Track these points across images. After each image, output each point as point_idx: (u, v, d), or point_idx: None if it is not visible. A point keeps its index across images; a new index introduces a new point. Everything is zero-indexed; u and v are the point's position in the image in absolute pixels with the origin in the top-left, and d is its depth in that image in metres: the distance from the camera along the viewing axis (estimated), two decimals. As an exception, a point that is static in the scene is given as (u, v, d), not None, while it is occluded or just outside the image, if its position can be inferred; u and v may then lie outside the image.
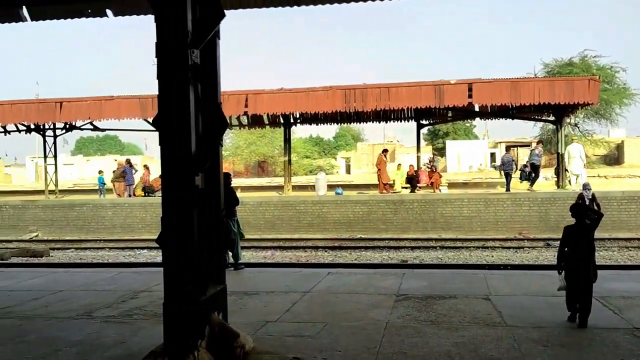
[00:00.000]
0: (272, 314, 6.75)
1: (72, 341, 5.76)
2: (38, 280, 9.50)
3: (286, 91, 20.43)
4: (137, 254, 16.20)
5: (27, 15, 11.70)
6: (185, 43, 4.55)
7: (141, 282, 9.02)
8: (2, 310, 7.21)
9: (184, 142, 4.58)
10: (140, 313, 6.96)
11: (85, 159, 69.48)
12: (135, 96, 21.49)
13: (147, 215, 20.73)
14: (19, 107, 22.71)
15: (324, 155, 68.51)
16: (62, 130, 25.82)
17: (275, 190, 26.46)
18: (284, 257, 14.87)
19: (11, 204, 22.70)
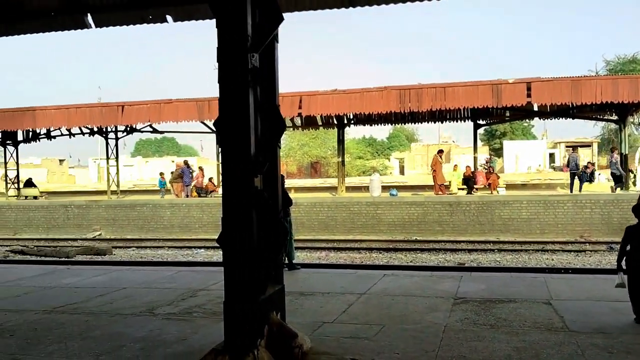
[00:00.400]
0: (328, 315, 6.77)
1: (136, 337, 5.94)
2: (102, 277, 9.83)
3: (340, 92, 20.47)
4: (194, 253, 16.59)
5: (92, 22, 12.17)
6: (245, 47, 4.63)
7: (199, 281, 9.20)
8: (69, 307, 7.50)
9: (243, 144, 4.65)
10: (200, 311, 7.11)
11: (144, 161, 71.59)
12: (192, 99, 22.02)
13: (204, 215, 21.19)
14: (83, 110, 23.64)
15: (377, 156, 68.20)
16: (124, 133, 26.74)
17: (328, 191, 26.55)
18: (338, 258, 14.90)
19: (76, 204, 23.65)
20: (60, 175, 63.16)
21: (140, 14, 11.70)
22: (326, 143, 57.82)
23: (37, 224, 23.59)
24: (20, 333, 6.19)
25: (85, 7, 11.77)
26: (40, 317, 6.97)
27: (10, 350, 5.56)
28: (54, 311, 7.25)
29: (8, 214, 24.20)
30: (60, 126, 25.39)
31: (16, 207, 24.57)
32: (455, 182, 22.91)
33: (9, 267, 11.82)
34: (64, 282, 9.43)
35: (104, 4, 11.73)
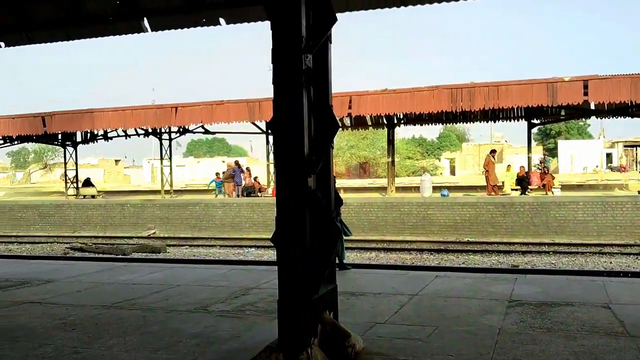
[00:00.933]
0: (380, 315, 6.75)
1: (192, 333, 6.08)
2: (158, 274, 10.09)
3: (390, 92, 20.37)
4: (245, 252, 16.83)
5: (148, 26, 12.50)
6: (299, 49, 4.67)
7: (251, 279, 9.33)
8: (127, 302, 7.73)
9: (297, 145, 4.69)
10: (252, 309, 7.21)
11: (195, 161, 73.02)
12: (243, 100, 22.35)
13: (255, 215, 21.47)
14: (139, 112, 24.34)
15: (427, 156, 67.46)
16: (177, 134, 27.38)
17: (377, 191, 26.44)
18: (389, 259, 14.83)
19: (132, 203, 24.36)
20: (116, 175, 65.13)
21: (194, 18, 11.96)
22: (375, 143, 57.59)
23: (95, 222, 24.41)
24: (81, 327, 6.42)
25: (142, 11, 12.11)
26: (100, 312, 7.21)
27: (72, 343, 5.78)
28: (113, 306, 7.48)
29: (68, 212, 25.14)
30: (117, 127, 26.21)
31: (75, 206, 25.50)
32: (508, 183, 22.43)
33: (70, 264, 12.28)
34: (121, 278, 9.73)
35: (160, 8, 12.05)
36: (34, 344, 5.71)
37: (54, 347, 5.61)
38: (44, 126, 25.56)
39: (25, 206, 26.12)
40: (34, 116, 26.08)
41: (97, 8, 12.33)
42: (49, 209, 25.55)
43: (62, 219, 25.04)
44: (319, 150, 4.96)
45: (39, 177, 62.19)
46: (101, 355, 5.36)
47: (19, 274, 10.17)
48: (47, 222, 25.19)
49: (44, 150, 71.27)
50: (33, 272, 10.43)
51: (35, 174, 63.72)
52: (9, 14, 12.47)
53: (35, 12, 12.56)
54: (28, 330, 6.31)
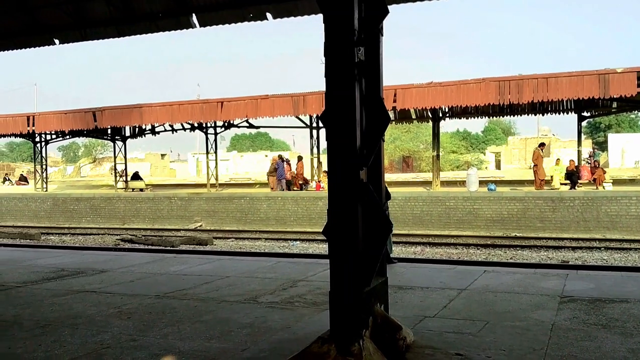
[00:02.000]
0: (429, 309, 6.72)
1: (243, 323, 6.18)
2: (207, 266, 10.29)
3: (436, 85, 20.14)
4: (290, 245, 16.96)
5: (197, 22, 12.73)
6: (352, 41, 4.67)
7: (298, 271, 9.41)
8: (179, 292, 7.92)
9: (349, 137, 4.71)
10: (301, 301, 7.28)
11: (239, 155, 73.90)
12: (288, 94, 22.48)
13: (299, 208, 21.60)
14: (185, 107, 24.78)
15: (472, 150, 66.42)
16: (222, 128, 27.76)
17: (421, 185, 26.22)
18: (434, 254, 14.71)
19: (179, 196, 24.85)
20: (162, 169, 66.52)
21: (241, 13, 12.11)
22: (418, 137, 57.08)
23: (143, 214, 25.01)
24: (136, 316, 6.61)
25: (190, 8, 12.33)
26: (153, 301, 7.41)
27: (128, 331, 5.96)
28: (165, 296, 7.68)
29: (117, 205, 25.84)
30: (164, 122, 26.76)
31: (125, 199, 26.18)
32: (557, 177, 21.90)
33: (120, 255, 12.63)
34: (172, 269, 9.96)
35: (208, 4, 12.24)
36: (92, 331, 5.92)
37: (111, 335, 5.80)
38: (95, 121, 26.31)
39: (77, 199, 26.97)
40: (85, 111, 26.88)
41: (147, 5, 12.63)
42: (100, 201, 26.30)
43: (112, 212, 25.74)
44: (370, 143, 4.96)
45: (88, 171, 64.04)
46: (157, 343, 5.51)
47: (74, 264, 10.53)
48: (98, 214, 25.94)
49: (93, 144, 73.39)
50: (87, 263, 10.78)
51: (84, 168, 65.64)
52: (64, 13, 12.89)
53: (89, 11, 12.94)
54: (86, 317, 6.54)
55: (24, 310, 6.90)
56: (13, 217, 27.41)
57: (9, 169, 61.16)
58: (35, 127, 27.92)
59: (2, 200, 28.46)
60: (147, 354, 5.16)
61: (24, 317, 6.60)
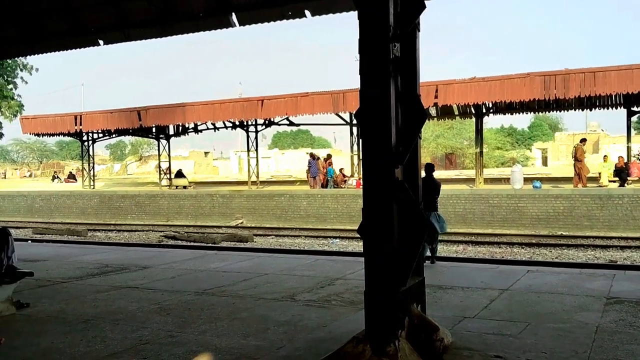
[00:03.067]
0: (469, 309, 6.59)
1: (279, 321, 6.19)
2: (246, 263, 10.37)
3: (479, 80, 19.75)
4: (330, 243, 16.93)
5: (236, 21, 12.80)
6: (387, 37, 4.60)
7: (336, 269, 9.38)
8: (217, 289, 7.99)
9: (384, 135, 4.64)
10: (338, 299, 7.25)
11: (280, 152, 74.27)
12: (327, 92, 22.46)
13: (339, 206, 21.55)
14: (227, 105, 25.06)
15: (517, 146, 64.92)
16: (262, 126, 27.94)
17: (464, 183, 25.78)
18: (477, 253, 14.43)
19: (220, 194, 25.15)
20: (205, 167, 67.42)
21: (280, 11, 12.11)
22: (461, 133, 56.15)
23: (186, 211, 25.42)
24: (176, 312, 6.70)
25: (230, 7, 12.41)
26: (193, 297, 7.50)
27: (167, 327, 6.04)
28: (205, 293, 7.76)
29: (161, 202, 26.33)
30: (206, 120, 27.11)
31: (168, 196, 26.66)
32: (605, 174, 21.17)
33: (164, 251, 12.86)
34: (212, 266, 10.07)
35: (247, 2, 12.30)
36: (132, 327, 6.03)
37: (150, 330, 5.89)
38: (140, 120, 26.87)
39: (123, 196, 27.61)
40: (131, 110, 27.49)
41: (188, 5, 12.77)
42: (145, 199, 26.87)
43: (156, 209, 26.25)
44: (406, 141, 4.88)
45: (134, 169, 65.48)
46: (194, 339, 5.57)
47: (118, 261, 10.77)
48: (143, 211, 26.49)
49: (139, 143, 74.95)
50: (131, 259, 11.01)
51: (131, 166, 67.15)
52: (108, 14, 13.17)
53: (132, 12, 13.18)
54: (127, 313, 6.67)
55: (68, 306, 7.09)
56: (62, 214, 28.27)
57: (59, 167, 63.13)
58: (83, 126, 28.71)
59: (52, 197, 29.40)
60: (185, 351, 5.21)
61: (68, 312, 6.78)
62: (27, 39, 13.91)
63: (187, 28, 13.11)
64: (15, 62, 40.14)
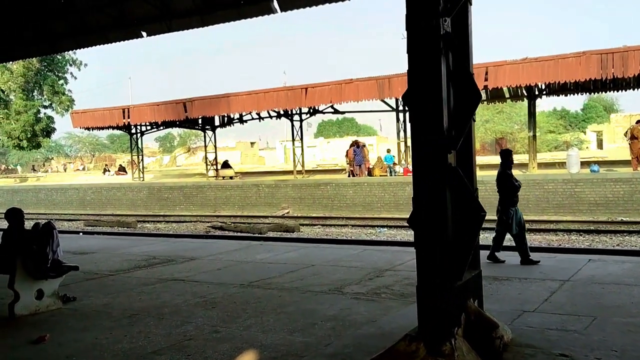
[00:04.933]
0: (528, 303, 6.18)
1: (327, 315, 5.94)
2: (292, 254, 10.17)
3: (531, 60, 18.90)
4: (377, 232, 16.59)
5: (277, 6, 12.52)
6: (437, 12, 4.24)
7: (385, 260, 9.07)
8: (263, 281, 7.81)
9: (435, 118, 4.30)
10: (388, 292, 6.95)
11: (325, 141, 74.05)
12: (372, 78, 22.01)
13: (386, 194, 21.16)
14: (271, 95, 24.90)
15: (571, 129, 62.70)
16: (307, 115, 27.71)
17: (516, 168, 24.84)
18: (532, 240, 13.81)
19: (266, 184, 25.10)
20: (251, 157, 67.91)
21: (323, -6, 11.79)
22: (512, 117, 54.61)
23: (233, 202, 25.50)
24: (221, 305, 6.54)
25: (271, -8, 12.17)
26: (238, 290, 7.34)
27: (212, 322, 5.89)
28: (250, 285, 7.60)
29: (208, 192, 26.50)
30: (251, 110, 27.07)
31: (215, 187, 26.82)
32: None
33: (210, 242, 12.82)
34: (258, 257, 9.93)
35: (289, -13, 12.02)
36: (177, 322, 5.89)
37: (195, 325, 5.74)
38: (186, 111, 27.05)
39: (171, 187, 27.94)
40: (176, 102, 27.70)
41: (230, -7, 12.58)
42: (192, 190, 27.10)
43: (203, 199, 26.44)
44: (459, 124, 4.52)
45: (183, 160, 66.50)
46: (239, 335, 5.38)
47: (165, 252, 10.76)
48: (191, 202, 26.74)
49: (187, 134, 76.17)
50: (177, 250, 10.99)
51: (180, 157, 68.24)
52: (150, 4, 13.12)
53: (174, 2, 13.10)
54: (172, 307, 6.55)
55: (114, 300, 7.04)
56: (112, 206, 28.85)
57: (110, 160, 64.73)
58: (131, 119, 29.13)
59: (103, 190, 30.04)
60: (230, 347, 5.03)
61: (114, 306, 6.72)
62: (73, 33, 14.06)
63: (228, 16, 12.95)
64: (65, 58, 41.25)
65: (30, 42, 14.97)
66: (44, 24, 14.28)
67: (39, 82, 41.12)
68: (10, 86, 39.91)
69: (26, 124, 39.71)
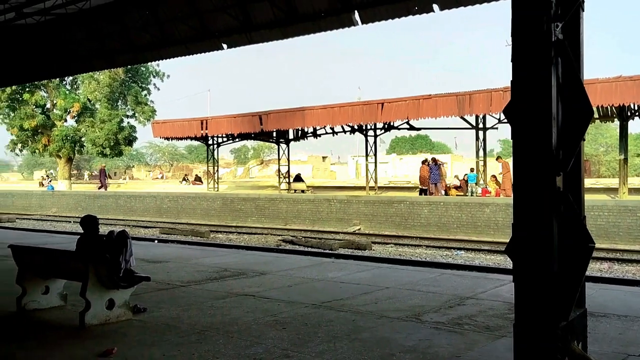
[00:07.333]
0: (633, 344, 5.50)
1: (405, 346, 5.49)
2: (365, 274, 9.76)
3: (625, 79, 17.73)
4: (454, 255, 15.89)
5: (359, 19, 12.28)
6: (548, 16, 3.77)
7: (465, 286, 8.50)
8: (336, 302, 7.45)
9: (543, 136, 3.81)
10: (471, 323, 6.41)
11: (398, 157, 73.13)
12: (452, 94, 21.36)
13: (463, 215, 20.33)
14: (346, 109, 24.69)
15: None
16: (381, 130, 27.28)
17: (603, 192, 23.43)
18: (625, 272, 12.77)
19: (338, 199, 24.79)
20: (323, 171, 68.04)
21: (405, 6, 11.44)
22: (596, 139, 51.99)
23: (304, 216, 25.34)
24: (291, 327, 6.22)
25: (353, 5, 11.94)
26: (309, 311, 7.00)
27: (283, 344, 5.57)
28: (322, 306, 7.25)
29: (280, 205, 26.49)
30: (325, 124, 26.96)
31: (287, 200, 26.77)
32: None
33: (281, 257, 12.61)
34: (329, 275, 9.58)
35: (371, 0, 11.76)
36: (246, 342, 5.61)
37: (264, 348, 5.44)
38: (261, 124, 27.28)
39: (244, 199, 28.16)
40: (252, 115, 28.00)
41: (310, 5, 12.47)
42: (264, 202, 27.18)
43: (275, 212, 26.44)
44: (569, 143, 4.01)
45: (256, 172, 67.50)
46: (311, 361, 5.03)
47: (236, 265, 10.60)
48: (263, 214, 26.81)
49: (261, 147, 77.37)
50: (249, 263, 10.81)
51: (253, 169, 69.32)
52: (232, 17, 13.21)
53: (255, 14, 13.13)
54: (242, 325, 6.29)
55: (184, 313, 6.86)
56: (187, 214, 29.38)
57: (188, 170, 66.58)
58: (208, 130, 29.72)
59: (178, 198, 30.69)
60: (301, 375, 4.68)
61: (183, 319, 6.54)
62: (157, 44, 14.39)
63: (308, 29, 12.85)
64: (148, 69, 42.82)
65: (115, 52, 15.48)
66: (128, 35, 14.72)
67: (124, 92, 42.86)
68: (97, 96, 41.79)
69: (110, 132, 41.39)
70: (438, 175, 24.46)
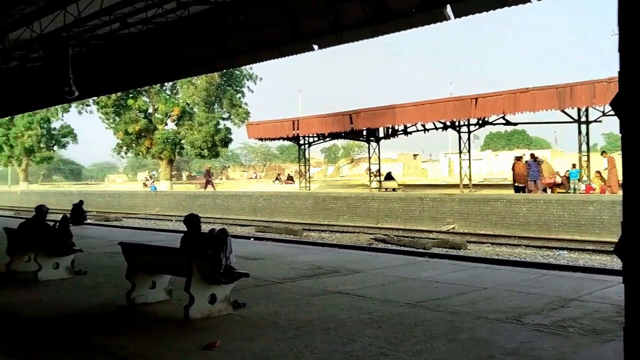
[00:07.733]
0: None
1: (505, 348, 5.33)
2: (461, 274, 9.56)
3: None
4: (556, 255, 15.21)
5: (451, 13, 12.02)
6: (661, -1, 3.52)
7: (569, 288, 8.12)
8: (431, 302, 7.35)
9: (656, 128, 3.56)
10: (575, 326, 6.11)
11: (493, 154, 70.86)
12: (552, 86, 20.44)
13: (565, 213, 19.40)
14: (438, 106, 24.29)
15: None
16: (476, 126, 26.56)
17: None
18: None
19: (430, 197, 24.44)
20: (414, 169, 67.17)
21: (500, -3, 11.07)
22: None
23: (395, 214, 25.19)
24: (387, 325, 6.21)
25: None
26: (405, 310, 6.96)
27: (379, 342, 5.57)
28: (417, 305, 7.17)
29: (371, 204, 26.49)
30: (416, 122, 26.66)
31: (378, 198, 26.72)
32: None
33: (373, 255, 12.61)
34: (423, 274, 9.46)
35: (464, -8, 11.49)
36: (343, 339, 5.66)
37: (361, 345, 5.46)
38: (351, 123, 27.40)
39: (335, 197, 28.41)
40: (342, 114, 28.18)
41: (402, 2, 12.35)
42: (355, 200, 27.28)
43: (366, 211, 26.47)
44: (686, 135, 3.71)
45: (346, 171, 67.79)
46: (408, 361, 5.00)
47: (330, 263, 10.72)
48: (354, 212, 26.93)
49: (350, 146, 77.73)
50: (341, 262, 10.90)
51: (343, 168, 69.69)
52: (322, 18, 13.35)
53: (345, 14, 13.20)
54: (338, 322, 6.36)
55: (282, 309, 7.03)
56: (281, 213, 30.07)
57: (280, 170, 68.09)
58: (300, 130, 30.25)
59: (272, 197, 31.47)
60: (398, 374, 4.67)
61: (281, 315, 6.71)
62: (250, 48, 14.83)
63: (398, 26, 12.74)
64: (242, 73, 44.22)
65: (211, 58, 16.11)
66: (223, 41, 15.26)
67: (219, 95, 44.57)
68: (195, 100, 43.74)
69: (207, 134, 43.16)
70: (537, 172, 23.44)
